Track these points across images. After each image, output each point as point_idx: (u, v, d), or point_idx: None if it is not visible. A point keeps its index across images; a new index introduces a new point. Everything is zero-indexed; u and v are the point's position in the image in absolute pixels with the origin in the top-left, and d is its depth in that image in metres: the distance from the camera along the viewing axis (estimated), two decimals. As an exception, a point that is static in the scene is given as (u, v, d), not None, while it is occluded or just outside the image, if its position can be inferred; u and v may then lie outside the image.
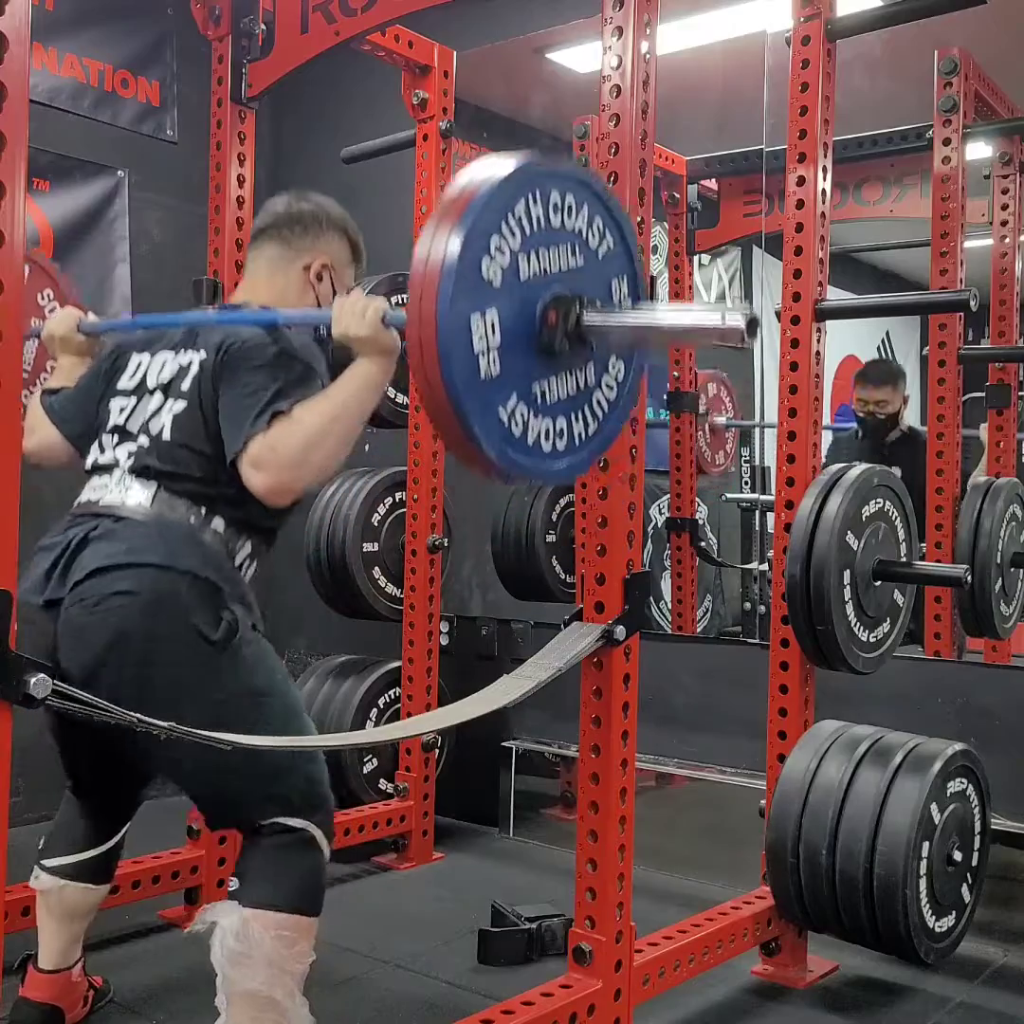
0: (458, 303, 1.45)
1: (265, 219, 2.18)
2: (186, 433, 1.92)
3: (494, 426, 1.53)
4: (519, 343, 1.55)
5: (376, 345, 1.83)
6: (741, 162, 4.14)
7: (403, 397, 3.41)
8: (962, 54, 3.32)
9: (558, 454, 1.65)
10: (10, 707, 1.22)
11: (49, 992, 2.12)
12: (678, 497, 4.33)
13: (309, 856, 1.85)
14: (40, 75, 3.72)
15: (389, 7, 2.63)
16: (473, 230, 1.47)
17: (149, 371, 2.02)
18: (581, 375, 1.67)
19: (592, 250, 1.67)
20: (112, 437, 2.00)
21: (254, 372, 1.87)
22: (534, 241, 1.56)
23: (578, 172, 1.68)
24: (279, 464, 1.78)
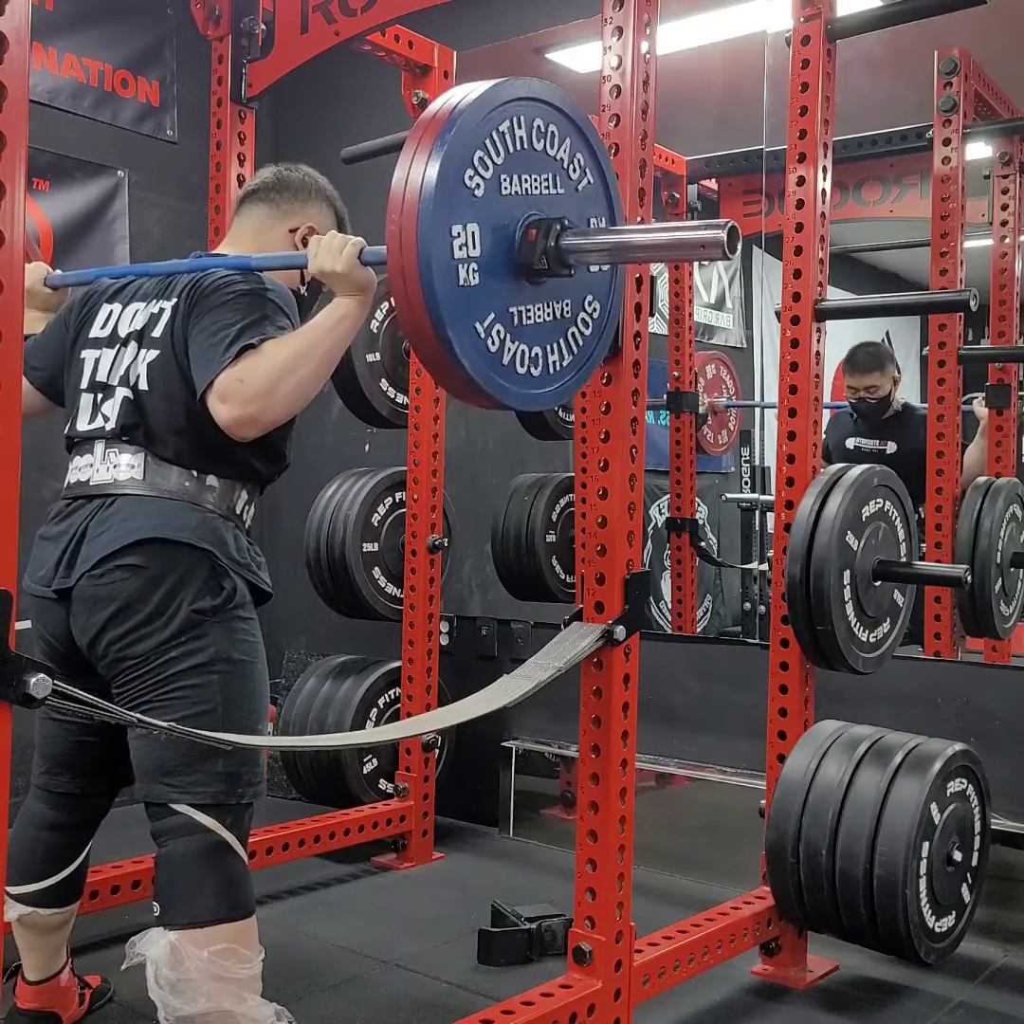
0: (440, 209, 1.49)
1: (253, 183, 2.18)
2: (162, 381, 1.88)
3: (470, 337, 1.56)
4: (498, 260, 1.60)
5: (352, 281, 1.82)
6: (741, 162, 4.14)
7: (403, 397, 3.41)
8: (962, 54, 3.33)
9: (532, 378, 1.68)
10: (10, 707, 1.22)
11: (40, 1001, 2.12)
12: (678, 497, 4.33)
13: (223, 862, 1.78)
14: (40, 75, 3.72)
15: (389, 7, 2.63)
16: (458, 139, 1.51)
17: (120, 320, 1.98)
18: (558, 306, 1.71)
19: (572, 182, 1.72)
20: (91, 396, 1.95)
21: (222, 308, 1.83)
22: (517, 162, 1.61)
23: (562, 100, 1.71)
24: (245, 395, 1.74)
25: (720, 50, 3.98)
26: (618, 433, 1.98)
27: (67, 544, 1.85)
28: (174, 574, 1.81)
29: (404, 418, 3.36)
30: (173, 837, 1.78)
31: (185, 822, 1.78)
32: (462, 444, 4.12)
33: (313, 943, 2.70)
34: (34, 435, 1.55)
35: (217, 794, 1.79)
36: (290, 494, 3.61)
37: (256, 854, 2.74)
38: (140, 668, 1.80)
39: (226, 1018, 1.70)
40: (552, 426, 3.99)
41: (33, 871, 2.05)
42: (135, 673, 1.81)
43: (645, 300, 2.00)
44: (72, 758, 2.04)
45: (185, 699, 1.79)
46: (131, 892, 2.60)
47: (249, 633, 1.88)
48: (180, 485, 1.87)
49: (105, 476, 1.89)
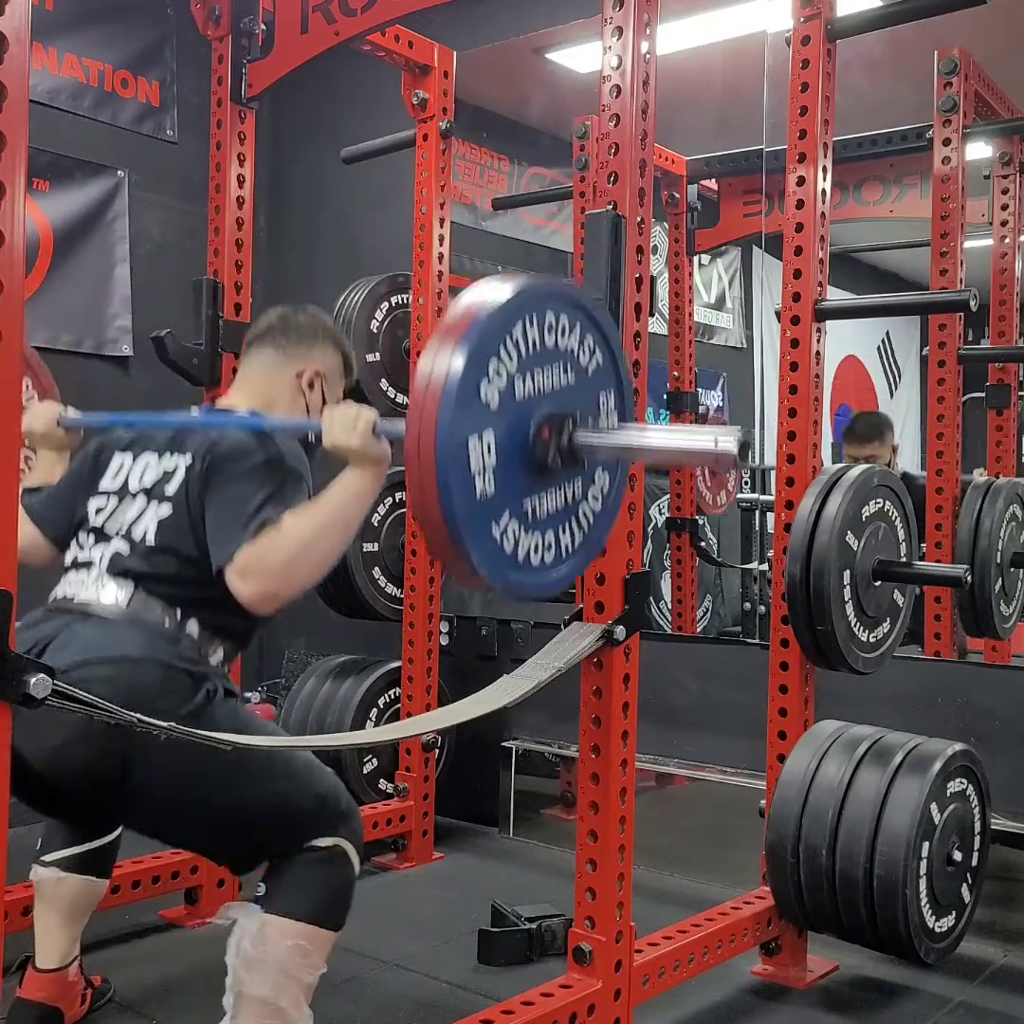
0: (457, 428, 1.47)
1: (261, 326, 2.20)
2: (172, 537, 1.89)
3: (487, 544, 1.54)
4: (513, 461, 1.57)
5: (367, 456, 1.82)
6: (741, 162, 4.14)
7: (403, 397, 3.41)
8: (962, 54, 3.33)
9: (545, 567, 1.66)
10: (10, 707, 1.22)
11: (47, 992, 2.12)
12: (678, 497, 4.33)
13: (338, 871, 1.85)
14: (40, 75, 3.72)
15: (389, 7, 2.63)
16: (473, 356, 1.48)
17: (132, 473, 2.00)
18: (569, 488, 1.69)
19: (582, 367, 1.68)
20: (89, 537, 1.98)
21: (241, 479, 1.85)
22: (530, 362, 1.58)
23: (573, 293, 1.68)
24: (266, 573, 1.75)
25: (720, 50, 3.98)
26: (618, 433, 1.97)
27: (30, 650, 1.78)
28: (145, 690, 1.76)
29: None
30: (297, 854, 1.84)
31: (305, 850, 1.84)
32: (462, 444, 4.11)
33: (313, 943, 2.70)
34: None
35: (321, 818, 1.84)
36: (290, 494, 3.60)
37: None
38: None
39: (278, 1015, 1.76)
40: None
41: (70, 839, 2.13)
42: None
43: (645, 300, 2.00)
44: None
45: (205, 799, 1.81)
46: (131, 892, 2.61)
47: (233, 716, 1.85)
48: (159, 621, 1.85)
49: (91, 595, 1.89)
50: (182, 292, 2.89)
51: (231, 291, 2.85)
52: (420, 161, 3.28)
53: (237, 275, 2.86)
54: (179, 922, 2.77)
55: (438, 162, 3.25)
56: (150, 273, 4.04)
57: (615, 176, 1.96)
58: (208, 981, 1.81)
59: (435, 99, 3.25)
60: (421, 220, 3.27)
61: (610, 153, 1.96)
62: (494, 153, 4.51)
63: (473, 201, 4.44)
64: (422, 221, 3.27)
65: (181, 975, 2.48)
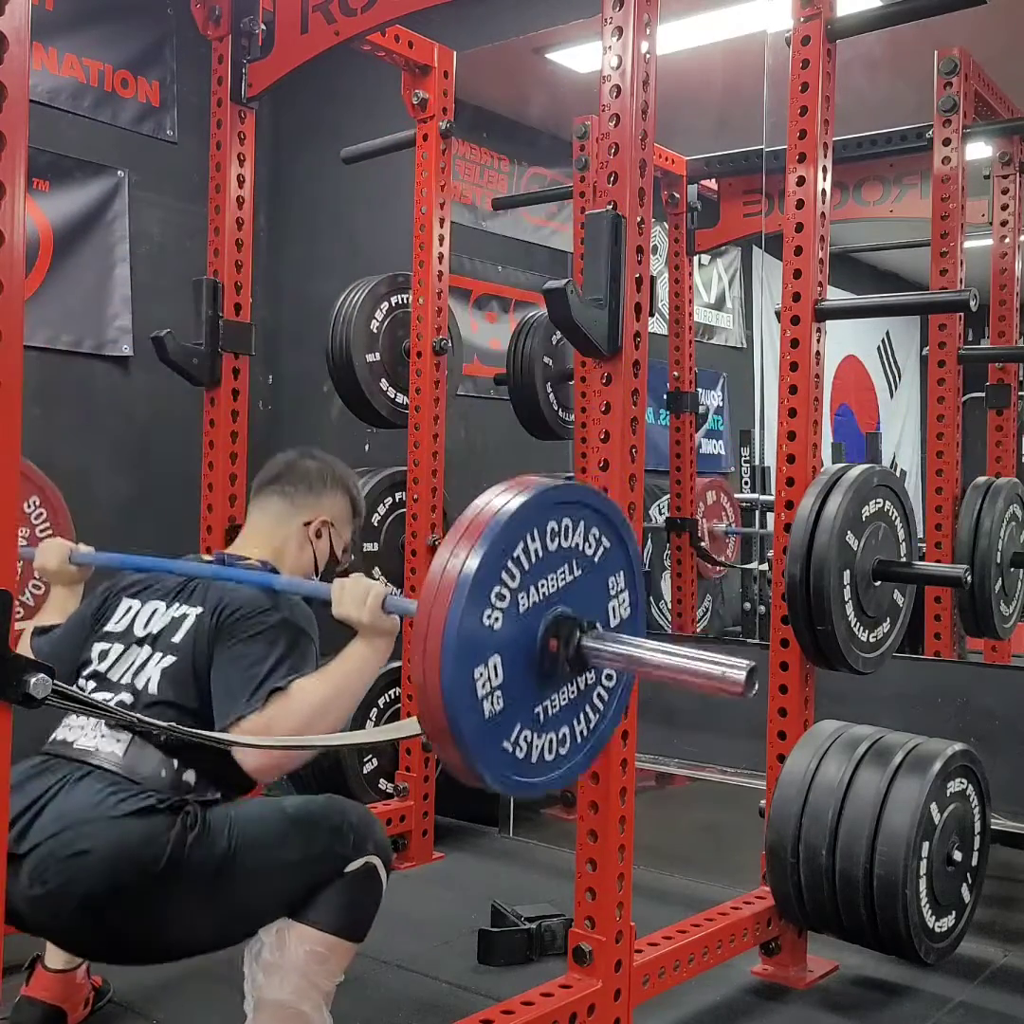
0: (461, 663, 1.43)
1: (271, 471, 2.22)
2: (174, 688, 1.89)
3: (499, 759, 1.51)
4: (521, 672, 1.52)
5: (376, 631, 1.84)
6: (741, 162, 4.14)
7: (403, 397, 3.41)
8: (962, 54, 3.32)
9: (560, 759, 1.62)
10: (10, 707, 1.22)
11: (54, 992, 2.12)
12: (678, 497, 4.33)
13: (367, 887, 1.87)
14: (40, 75, 3.72)
15: (389, 7, 2.63)
16: (471, 593, 1.43)
17: (137, 618, 2.00)
18: (580, 679, 1.63)
19: (589, 558, 1.62)
20: (89, 683, 1.96)
21: (252, 641, 1.86)
22: (533, 575, 1.52)
23: (572, 493, 1.61)
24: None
25: (720, 50, 3.98)
26: (618, 433, 1.97)
27: (30, 805, 1.77)
28: (126, 847, 1.72)
29: (404, 418, 3.36)
30: None
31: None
32: (462, 444, 4.12)
33: (313, 943, 2.70)
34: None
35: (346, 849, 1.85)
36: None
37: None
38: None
39: (299, 1018, 1.78)
40: (552, 426, 3.99)
41: None
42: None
43: (645, 300, 2.00)
44: None
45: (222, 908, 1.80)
46: (131, 892, 2.60)
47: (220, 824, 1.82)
48: (156, 773, 1.82)
49: (89, 742, 1.87)
50: (182, 292, 2.89)
51: (231, 291, 2.85)
52: (420, 161, 3.28)
53: (237, 275, 2.86)
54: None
55: (438, 162, 3.25)
56: (150, 273, 4.04)
57: (615, 176, 1.96)
58: (208, 981, 1.81)
59: (435, 99, 3.25)
60: (421, 220, 3.27)
61: (610, 153, 1.96)
62: (494, 153, 4.51)
63: (473, 201, 4.44)
64: (422, 221, 3.27)
65: (181, 975, 2.47)
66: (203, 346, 2.83)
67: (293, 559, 2.15)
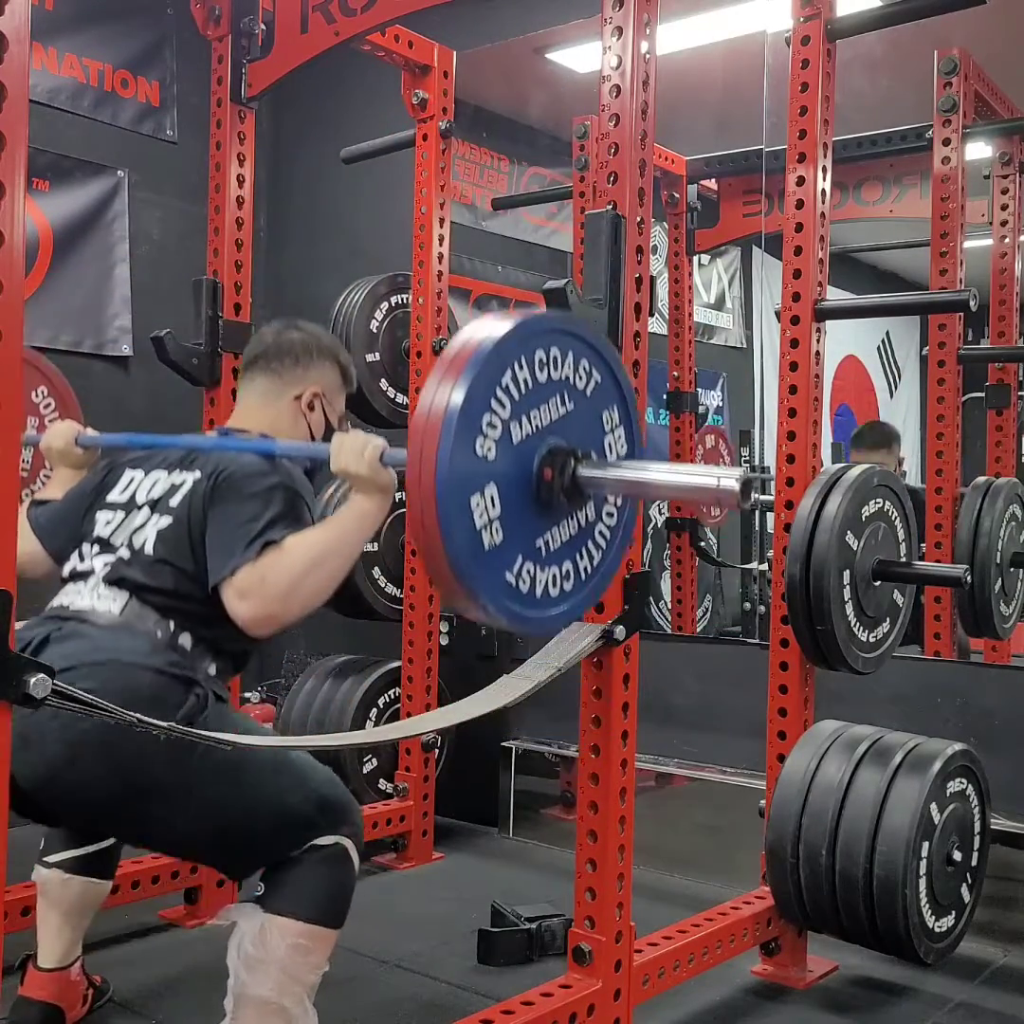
0: (455, 493, 1.44)
1: (256, 348, 2.19)
2: (169, 548, 1.89)
3: (501, 590, 1.52)
4: (519, 505, 1.54)
5: (374, 484, 1.83)
6: (741, 162, 4.14)
7: (403, 397, 3.41)
8: (962, 54, 3.33)
9: (566, 595, 1.64)
10: (10, 707, 1.22)
11: (49, 991, 2.12)
12: (678, 497, 4.33)
13: (339, 870, 1.84)
14: (40, 75, 3.72)
15: (389, 7, 2.63)
16: (460, 423, 1.44)
17: (140, 487, 2.01)
18: (581, 514, 1.66)
19: (580, 391, 1.64)
20: (93, 547, 1.98)
21: (248, 500, 1.86)
22: (524, 404, 1.54)
23: (558, 322, 1.64)
24: (266, 595, 1.75)
25: (720, 50, 3.98)
26: (618, 433, 1.97)
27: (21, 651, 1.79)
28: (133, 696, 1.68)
29: (404, 418, 3.36)
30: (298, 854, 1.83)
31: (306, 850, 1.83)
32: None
33: (313, 943, 2.70)
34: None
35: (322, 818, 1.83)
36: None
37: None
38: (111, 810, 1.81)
39: (280, 1014, 1.76)
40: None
41: (72, 841, 2.13)
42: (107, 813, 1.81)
43: (645, 300, 2.00)
44: None
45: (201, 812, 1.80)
46: (131, 892, 2.61)
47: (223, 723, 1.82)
48: (152, 632, 1.84)
49: (86, 603, 1.89)
50: (182, 292, 2.89)
51: (231, 291, 2.85)
52: (420, 161, 3.28)
53: (237, 275, 2.86)
54: (179, 922, 2.77)
55: (438, 162, 3.25)
56: (150, 273, 4.04)
57: (615, 176, 1.96)
58: (208, 981, 1.81)
59: (435, 99, 3.25)
60: (421, 220, 3.27)
61: (610, 153, 1.96)
62: (494, 153, 4.51)
63: (473, 201, 4.44)
64: (422, 221, 3.27)
65: (181, 975, 2.48)
66: (203, 346, 2.83)
67: (289, 434, 2.12)
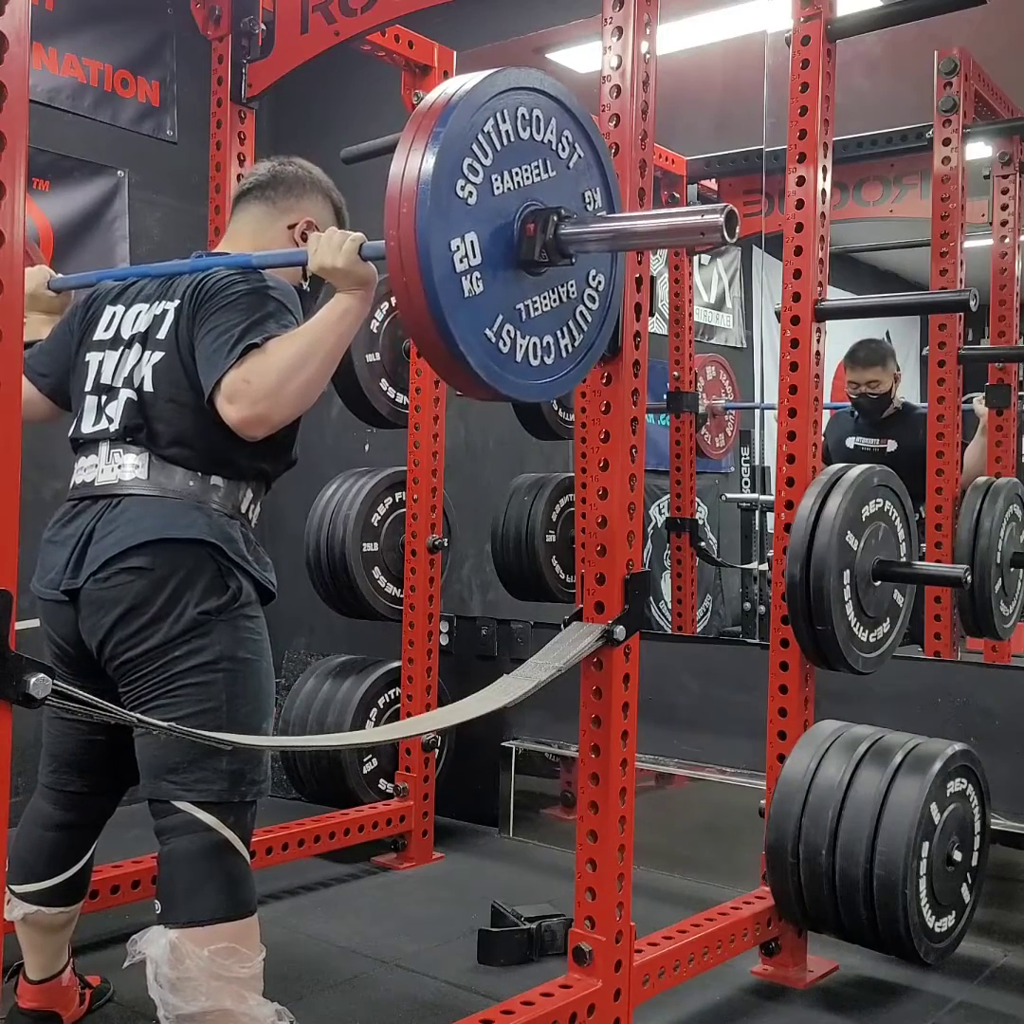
0: (436, 228, 1.49)
1: (249, 181, 2.16)
2: (168, 383, 1.88)
3: (483, 346, 1.58)
4: (500, 260, 1.60)
5: (353, 277, 1.81)
6: (741, 162, 4.14)
7: (403, 397, 3.41)
8: (962, 54, 3.32)
9: (546, 368, 1.70)
10: (10, 707, 1.22)
11: (41, 1001, 2.12)
12: (678, 497, 4.33)
13: (225, 861, 1.78)
14: (40, 75, 3.72)
15: (389, 7, 2.63)
16: (443, 156, 1.50)
17: (123, 322, 1.98)
18: (563, 289, 1.72)
19: (563, 161, 1.72)
20: (96, 398, 1.96)
21: (226, 310, 1.84)
22: (506, 157, 1.60)
23: (540, 82, 1.69)
24: (253, 395, 1.75)
25: (720, 50, 3.98)
26: (618, 433, 1.98)
27: (74, 546, 1.85)
28: (179, 575, 1.81)
29: (404, 418, 3.36)
30: (175, 835, 1.79)
31: (187, 820, 1.78)
32: (462, 444, 4.12)
33: (313, 943, 2.70)
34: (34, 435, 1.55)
35: (220, 792, 1.79)
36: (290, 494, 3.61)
37: (256, 854, 2.73)
38: (146, 667, 1.81)
39: (227, 1017, 1.70)
40: (552, 426, 3.99)
41: (39, 870, 2.05)
42: (141, 672, 1.81)
43: (645, 300, 2.01)
44: (79, 757, 2.04)
45: (190, 696, 1.79)
46: (131, 892, 2.60)
47: (255, 632, 1.88)
48: (184, 485, 1.87)
49: (110, 476, 1.89)
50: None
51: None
52: (420, 161, 3.27)
53: (237, 275, 2.86)
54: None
55: (438, 162, 3.25)
56: (150, 273, 4.03)
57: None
58: (208, 981, 1.80)
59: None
60: (421, 220, 3.26)
61: (610, 153, 1.96)
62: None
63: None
64: (422, 221, 3.26)
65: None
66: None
67: None
